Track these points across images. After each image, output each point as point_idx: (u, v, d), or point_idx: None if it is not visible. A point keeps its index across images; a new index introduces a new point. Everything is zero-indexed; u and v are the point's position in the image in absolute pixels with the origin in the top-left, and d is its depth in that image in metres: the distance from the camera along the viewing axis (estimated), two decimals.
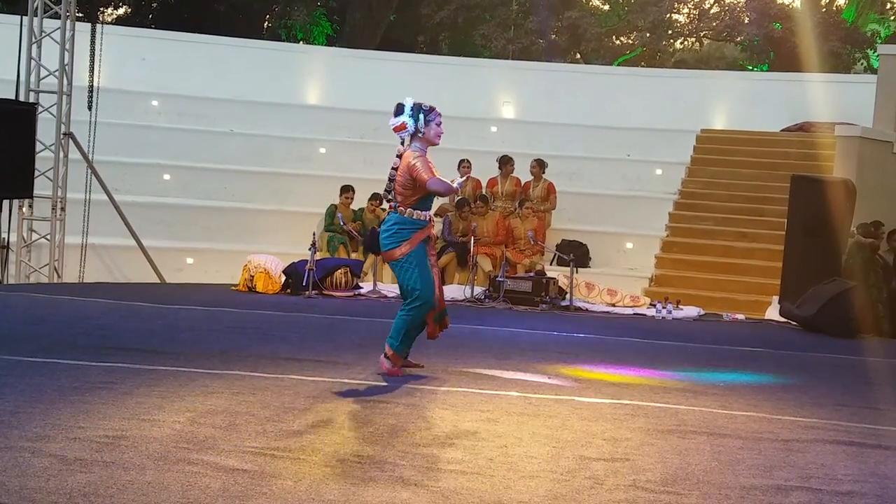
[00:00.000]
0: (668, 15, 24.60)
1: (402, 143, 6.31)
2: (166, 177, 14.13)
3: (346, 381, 5.81)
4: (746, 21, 23.54)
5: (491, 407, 5.36)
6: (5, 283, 11.29)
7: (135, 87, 15.86)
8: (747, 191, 14.46)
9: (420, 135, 6.19)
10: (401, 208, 6.18)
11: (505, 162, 13.42)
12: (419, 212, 6.19)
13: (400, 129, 6.20)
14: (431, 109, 6.21)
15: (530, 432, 4.80)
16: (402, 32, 25.72)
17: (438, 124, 6.21)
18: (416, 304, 6.14)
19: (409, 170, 6.08)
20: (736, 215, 13.89)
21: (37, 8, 11.67)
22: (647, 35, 24.47)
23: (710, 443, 4.77)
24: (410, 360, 6.41)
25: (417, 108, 6.16)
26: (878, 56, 14.36)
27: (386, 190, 6.31)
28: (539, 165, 13.40)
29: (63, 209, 11.67)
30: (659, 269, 12.95)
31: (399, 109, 6.19)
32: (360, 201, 12.80)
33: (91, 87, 11.85)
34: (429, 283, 6.16)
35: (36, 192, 11.20)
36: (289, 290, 11.10)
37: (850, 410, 5.87)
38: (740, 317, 11.25)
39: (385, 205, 7.12)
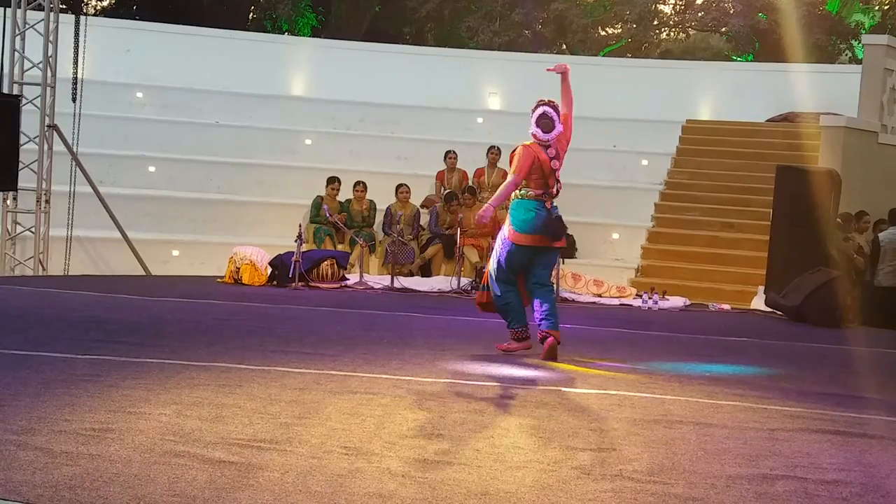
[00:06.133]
0: (653, 6, 24.60)
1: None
2: (151, 169, 14.05)
3: (332, 372, 5.81)
4: (732, 12, 23.56)
5: (478, 398, 5.37)
6: None
7: (119, 78, 15.75)
8: (733, 181, 14.49)
9: None
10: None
11: (492, 153, 13.40)
12: None
13: None
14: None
15: (517, 423, 4.81)
16: (387, 23, 25.63)
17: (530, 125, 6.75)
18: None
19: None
20: (721, 206, 13.90)
21: None
22: (633, 26, 24.45)
23: (696, 432, 4.79)
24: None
25: None
26: (862, 46, 14.38)
27: (551, 187, 6.68)
28: None
29: (48, 202, 11.60)
30: (645, 260, 12.98)
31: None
32: (346, 192, 12.77)
33: (75, 78, 11.77)
34: None
35: (20, 184, 11.13)
36: (275, 282, 11.07)
37: (836, 399, 5.90)
38: (726, 307, 11.28)
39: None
